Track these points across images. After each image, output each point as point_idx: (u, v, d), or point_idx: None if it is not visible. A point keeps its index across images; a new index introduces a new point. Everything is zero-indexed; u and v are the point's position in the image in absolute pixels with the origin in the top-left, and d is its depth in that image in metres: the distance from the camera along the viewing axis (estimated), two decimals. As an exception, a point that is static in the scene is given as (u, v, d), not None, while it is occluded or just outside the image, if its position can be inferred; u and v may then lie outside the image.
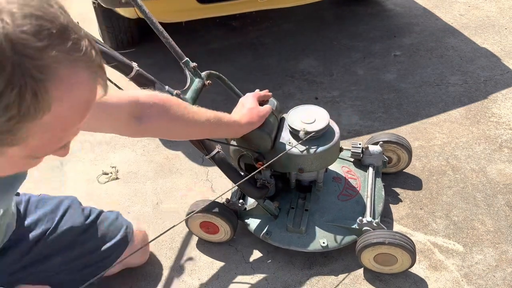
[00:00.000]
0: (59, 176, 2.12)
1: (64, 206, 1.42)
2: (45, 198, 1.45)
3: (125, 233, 1.49)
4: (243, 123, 1.39)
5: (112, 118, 1.12)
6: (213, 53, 3.00)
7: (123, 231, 1.49)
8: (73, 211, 1.43)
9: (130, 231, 1.51)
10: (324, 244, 1.57)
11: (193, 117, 1.26)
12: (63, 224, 1.38)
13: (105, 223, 1.47)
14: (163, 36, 1.52)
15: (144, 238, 1.60)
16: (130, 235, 1.51)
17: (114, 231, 1.47)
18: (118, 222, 1.50)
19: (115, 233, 1.47)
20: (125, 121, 1.14)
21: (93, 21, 3.07)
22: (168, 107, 1.21)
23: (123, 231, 1.49)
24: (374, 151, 1.79)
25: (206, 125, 1.30)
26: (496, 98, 2.42)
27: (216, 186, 2.01)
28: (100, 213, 1.50)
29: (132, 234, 1.52)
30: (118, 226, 1.49)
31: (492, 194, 1.87)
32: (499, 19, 3.19)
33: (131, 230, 1.52)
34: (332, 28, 3.23)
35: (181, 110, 1.23)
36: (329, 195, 1.70)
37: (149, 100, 1.17)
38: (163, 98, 1.21)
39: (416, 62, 2.78)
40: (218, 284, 1.61)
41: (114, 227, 1.48)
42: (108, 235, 1.46)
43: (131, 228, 1.53)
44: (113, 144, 2.29)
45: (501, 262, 1.61)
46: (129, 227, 1.52)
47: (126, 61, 1.26)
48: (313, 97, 2.53)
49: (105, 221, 1.47)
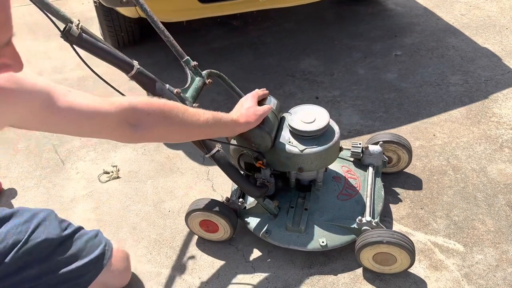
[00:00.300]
0: (60, 175, 2.13)
1: (39, 219, 1.36)
2: (21, 210, 1.39)
3: (103, 250, 1.43)
4: (241, 122, 1.39)
5: (106, 125, 1.10)
6: (214, 52, 3.01)
7: (101, 248, 1.43)
8: (49, 223, 1.37)
9: (109, 249, 1.46)
10: (323, 243, 1.57)
11: (191, 120, 1.25)
12: (36, 236, 1.32)
13: (84, 238, 1.42)
14: (164, 35, 1.52)
15: (125, 257, 1.55)
16: (108, 252, 1.45)
17: (92, 247, 1.42)
18: (97, 239, 1.45)
19: (92, 249, 1.41)
20: (120, 128, 1.12)
21: (94, 20, 3.08)
22: (167, 114, 1.19)
23: (101, 248, 1.43)
24: (374, 151, 1.79)
25: (204, 127, 1.29)
26: (497, 98, 2.42)
27: (217, 185, 2.01)
28: (79, 228, 1.44)
29: (111, 252, 1.46)
30: (97, 243, 1.43)
31: (492, 194, 1.87)
32: (500, 19, 3.19)
33: (110, 247, 1.47)
34: (333, 28, 3.23)
35: (180, 115, 1.21)
36: (328, 195, 1.71)
37: (146, 108, 1.15)
38: (161, 105, 1.19)
39: (417, 62, 2.77)
40: (219, 283, 1.62)
41: (92, 243, 1.42)
42: (85, 250, 1.40)
43: (110, 245, 1.47)
44: (114, 143, 2.30)
45: (501, 262, 1.61)
46: (108, 244, 1.47)
47: (127, 59, 1.26)
48: (314, 96, 2.53)
49: (83, 236, 1.42)
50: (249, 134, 1.48)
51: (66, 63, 3.02)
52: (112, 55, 1.22)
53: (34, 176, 2.13)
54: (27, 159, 2.23)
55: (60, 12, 1.15)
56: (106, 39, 2.98)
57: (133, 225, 1.86)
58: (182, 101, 1.40)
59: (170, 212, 1.90)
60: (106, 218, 1.89)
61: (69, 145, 2.31)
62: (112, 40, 2.96)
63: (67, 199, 2.00)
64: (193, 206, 1.65)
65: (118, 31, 2.89)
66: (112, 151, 2.25)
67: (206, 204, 1.62)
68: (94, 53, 1.19)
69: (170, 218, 1.88)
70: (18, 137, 2.38)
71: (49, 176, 2.12)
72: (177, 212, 1.90)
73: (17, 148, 2.32)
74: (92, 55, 1.19)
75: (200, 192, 1.99)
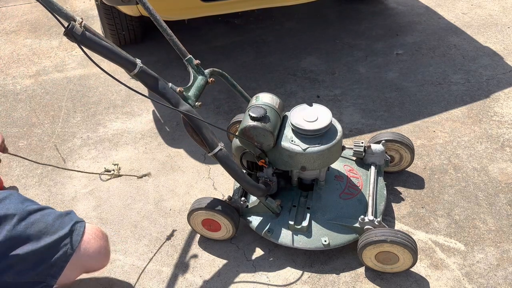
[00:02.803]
0: (61, 173, 2.13)
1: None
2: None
3: (74, 227, 1.40)
4: None
5: None
6: (216, 51, 3.00)
7: (71, 224, 1.40)
8: (8, 201, 1.35)
9: (81, 226, 1.42)
10: (326, 242, 1.57)
11: None
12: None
13: (51, 216, 1.39)
14: (167, 34, 1.52)
15: (101, 236, 1.49)
16: (81, 228, 1.41)
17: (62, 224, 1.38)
18: (67, 217, 1.42)
19: (62, 225, 1.38)
20: None
21: (96, 18, 3.08)
22: None
23: (71, 225, 1.39)
24: (376, 150, 1.79)
25: None
26: (498, 97, 2.42)
27: (218, 183, 2.01)
28: (47, 207, 1.41)
29: (83, 228, 1.42)
30: (67, 221, 1.40)
31: (493, 193, 1.87)
32: (502, 18, 3.18)
33: (83, 225, 1.43)
34: (335, 27, 3.22)
35: None
36: (331, 194, 1.71)
37: None
38: None
39: (418, 61, 2.77)
40: (220, 281, 1.62)
41: (61, 221, 1.39)
42: (54, 227, 1.36)
43: (82, 223, 1.43)
44: (115, 142, 2.30)
45: (502, 261, 1.61)
46: (80, 222, 1.43)
47: (130, 58, 1.26)
48: (315, 95, 2.53)
49: (51, 214, 1.39)
50: (252, 133, 1.48)
51: (67, 61, 3.02)
52: (115, 54, 1.22)
53: (35, 175, 2.13)
54: (28, 157, 2.23)
55: (63, 10, 1.15)
56: (107, 37, 2.97)
57: (134, 224, 1.86)
58: (185, 99, 1.40)
59: (171, 210, 1.90)
60: (107, 217, 1.90)
61: (70, 143, 2.31)
62: (114, 39, 2.96)
63: (68, 197, 2.00)
64: (196, 205, 1.65)
65: (120, 29, 2.89)
66: (113, 149, 2.25)
67: (208, 203, 1.63)
68: (97, 51, 1.18)
69: (171, 216, 1.88)
70: (20, 135, 2.38)
71: (51, 174, 2.13)
72: (178, 211, 1.90)
73: (19, 145, 2.32)
74: (95, 53, 1.18)
75: (201, 190, 1.99)
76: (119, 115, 2.49)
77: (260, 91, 2.33)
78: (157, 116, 2.46)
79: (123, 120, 2.45)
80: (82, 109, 2.55)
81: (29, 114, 2.55)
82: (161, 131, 2.35)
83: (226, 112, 2.41)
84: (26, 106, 2.61)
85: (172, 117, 2.43)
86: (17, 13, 3.64)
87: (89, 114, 2.51)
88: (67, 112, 2.54)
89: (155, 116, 2.46)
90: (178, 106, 1.35)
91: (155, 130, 2.36)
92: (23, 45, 3.23)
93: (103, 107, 2.56)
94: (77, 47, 1.17)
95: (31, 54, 3.12)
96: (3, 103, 2.66)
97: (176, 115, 2.41)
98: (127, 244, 1.77)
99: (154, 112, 2.49)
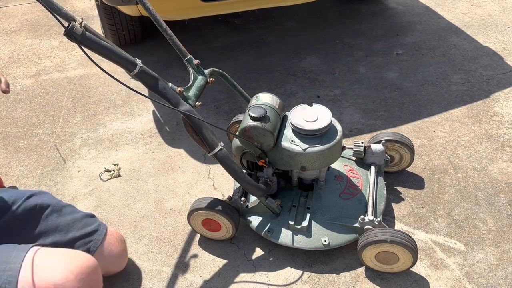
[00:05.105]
0: (62, 173, 2.13)
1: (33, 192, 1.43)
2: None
3: (98, 227, 1.49)
4: None
5: None
6: (216, 51, 3.00)
7: (96, 225, 1.49)
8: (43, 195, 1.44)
9: (104, 227, 1.51)
10: (326, 242, 1.57)
11: None
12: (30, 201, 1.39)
13: (81, 213, 1.48)
14: (167, 34, 1.52)
15: (121, 239, 1.57)
16: (104, 230, 1.50)
17: (88, 221, 1.48)
18: (92, 218, 1.51)
19: (89, 223, 1.47)
20: None
21: (96, 18, 3.08)
22: None
23: (96, 225, 1.49)
24: (376, 150, 1.79)
25: None
26: (498, 97, 2.42)
27: (218, 183, 2.01)
28: (74, 206, 1.51)
29: (106, 230, 1.51)
30: (92, 221, 1.49)
31: (493, 193, 1.87)
32: (502, 17, 3.19)
33: (105, 227, 1.52)
34: (335, 27, 3.22)
35: None
36: (331, 194, 1.71)
37: None
38: None
39: (418, 61, 2.77)
40: (220, 281, 1.62)
41: (87, 220, 1.48)
42: (82, 223, 1.46)
43: (104, 225, 1.52)
44: (115, 142, 2.30)
45: (502, 261, 1.61)
46: (103, 224, 1.52)
47: (130, 58, 1.26)
48: (315, 95, 2.53)
49: (80, 212, 1.49)
50: (252, 133, 1.48)
51: (67, 61, 3.02)
52: (115, 54, 1.22)
53: (35, 174, 2.13)
54: (28, 157, 2.23)
55: (63, 10, 1.15)
56: (107, 37, 2.97)
57: (134, 223, 1.86)
58: (185, 99, 1.41)
59: (171, 210, 1.91)
60: (108, 216, 1.90)
61: (71, 143, 2.31)
62: (114, 39, 2.96)
63: (68, 197, 2.00)
64: (196, 204, 1.65)
65: (120, 29, 2.89)
66: (113, 149, 2.26)
67: (208, 203, 1.63)
68: (97, 51, 1.18)
69: (171, 216, 1.88)
70: (20, 135, 2.38)
71: (51, 174, 2.13)
72: (178, 211, 1.90)
73: (19, 146, 2.32)
74: (95, 53, 1.18)
75: (201, 190, 1.99)
76: (119, 115, 2.49)
77: (260, 91, 2.33)
78: (157, 116, 2.46)
79: (123, 120, 2.45)
80: (82, 109, 2.56)
81: (29, 114, 2.55)
82: (161, 131, 2.36)
83: (226, 112, 2.41)
84: (26, 106, 2.61)
85: (172, 117, 2.43)
86: (17, 13, 3.65)
87: (89, 114, 2.51)
88: (67, 112, 2.54)
89: (155, 116, 2.46)
90: (178, 106, 1.35)
91: (155, 130, 2.37)
92: (23, 45, 3.23)
93: (103, 107, 2.56)
94: (77, 47, 1.17)
95: (31, 54, 3.12)
96: (3, 103, 2.66)
97: (176, 115, 2.42)
98: (127, 244, 1.77)
99: (154, 112, 2.49)
